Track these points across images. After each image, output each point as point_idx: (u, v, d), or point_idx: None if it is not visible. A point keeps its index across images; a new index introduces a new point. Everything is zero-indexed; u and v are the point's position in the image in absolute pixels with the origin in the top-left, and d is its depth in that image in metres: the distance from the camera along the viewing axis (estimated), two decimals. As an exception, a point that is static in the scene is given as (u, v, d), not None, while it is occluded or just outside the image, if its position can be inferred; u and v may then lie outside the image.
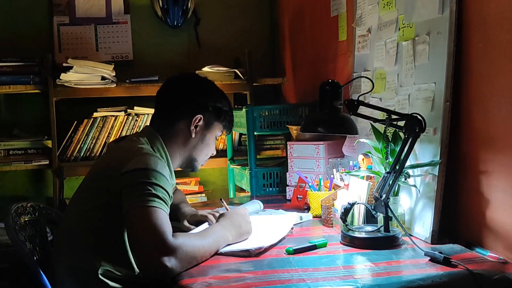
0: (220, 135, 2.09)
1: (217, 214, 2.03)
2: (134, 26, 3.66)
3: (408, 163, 1.78)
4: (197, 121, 1.96)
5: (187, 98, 1.98)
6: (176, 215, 2.12)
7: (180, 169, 2.06)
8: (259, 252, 1.69)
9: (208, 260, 1.65)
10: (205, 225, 1.97)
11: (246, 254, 1.68)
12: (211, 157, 2.11)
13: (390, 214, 1.74)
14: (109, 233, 1.73)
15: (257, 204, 2.31)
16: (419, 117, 1.71)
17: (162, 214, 1.62)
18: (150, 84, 3.34)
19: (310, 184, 2.24)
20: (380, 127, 1.90)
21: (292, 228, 1.97)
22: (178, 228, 1.97)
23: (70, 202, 1.91)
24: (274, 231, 1.87)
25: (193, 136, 1.96)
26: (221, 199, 2.11)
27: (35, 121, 3.51)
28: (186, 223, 2.04)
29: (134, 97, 3.40)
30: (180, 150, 1.98)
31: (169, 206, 1.71)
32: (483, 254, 1.63)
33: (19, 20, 3.52)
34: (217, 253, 1.70)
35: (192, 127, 1.96)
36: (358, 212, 1.86)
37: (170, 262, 1.53)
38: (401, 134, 1.80)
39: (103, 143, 3.35)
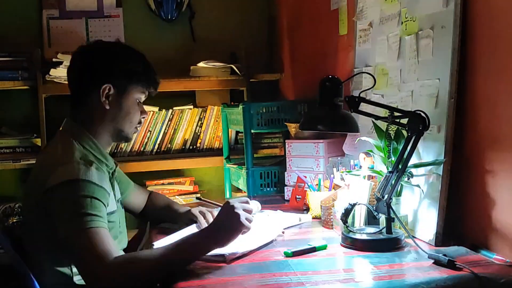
0: (145, 97, 1.96)
1: (209, 215, 2.03)
2: (127, 19, 3.65)
3: (411, 162, 1.78)
4: (106, 91, 1.84)
5: (87, 70, 1.88)
6: (171, 218, 2.12)
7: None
8: (233, 258, 1.66)
9: (200, 262, 1.64)
10: (193, 227, 1.97)
11: (221, 259, 1.65)
12: (145, 119, 2.02)
13: (392, 215, 1.74)
14: (49, 257, 1.71)
15: (254, 205, 2.30)
16: (422, 114, 1.71)
17: (101, 234, 1.58)
18: (143, 80, 3.32)
19: (309, 184, 2.24)
20: (382, 124, 1.90)
21: (283, 232, 1.96)
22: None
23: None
24: (258, 236, 1.83)
25: (108, 108, 1.85)
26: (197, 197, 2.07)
27: (23, 118, 3.49)
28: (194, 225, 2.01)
29: (126, 93, 3.38)
30: (103, 127, 1.87)
31: (105, 217, 1.66)
32: (489, 257, 1.63)
33: (6, 13, 3.50)
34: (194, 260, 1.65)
35: (103, 99, 1.84)
36: (359, 213, 1.86)
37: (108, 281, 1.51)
38: (404, 132, 1.80)
39: (94, 141, 3.33)
